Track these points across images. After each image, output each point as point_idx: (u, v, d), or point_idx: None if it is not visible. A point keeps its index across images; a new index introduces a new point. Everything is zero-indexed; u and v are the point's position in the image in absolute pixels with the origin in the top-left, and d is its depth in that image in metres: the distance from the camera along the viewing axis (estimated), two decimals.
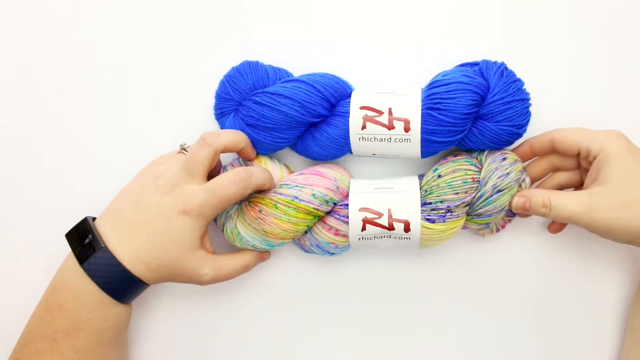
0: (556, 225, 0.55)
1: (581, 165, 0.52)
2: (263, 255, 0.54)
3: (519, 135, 0.51)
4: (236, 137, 0.50)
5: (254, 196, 0.51)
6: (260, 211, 0.50)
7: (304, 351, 0.57)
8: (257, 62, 0.53)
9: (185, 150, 0.52)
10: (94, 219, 0.51)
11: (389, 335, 0.57)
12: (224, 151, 0.49)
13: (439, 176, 0.50)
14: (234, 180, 0.47)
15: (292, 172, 0.54)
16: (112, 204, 0.51)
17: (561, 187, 0.54)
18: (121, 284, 0.47)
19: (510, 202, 0.50)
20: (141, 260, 0.47)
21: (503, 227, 0.54)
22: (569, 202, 0.47)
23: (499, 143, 0.51)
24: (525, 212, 0.50)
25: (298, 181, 0.51)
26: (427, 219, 0.50)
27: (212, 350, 0.57)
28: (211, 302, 0.57)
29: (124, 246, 0.47)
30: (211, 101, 0.55)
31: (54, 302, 0.48)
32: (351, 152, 0.53)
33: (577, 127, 0.50)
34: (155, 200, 0.48)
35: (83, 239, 0.48)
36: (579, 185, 0.53)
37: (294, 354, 0.57)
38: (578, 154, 0.50)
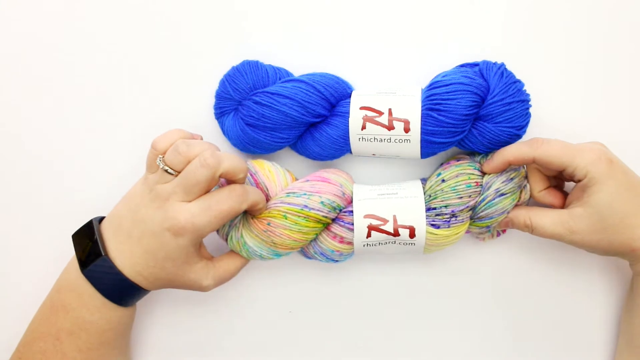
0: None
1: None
2: None
3: (519, 137, 0.51)
4: (238, 167, 0.46)
5: None
6: (268, 224, 0.49)
7: (305, 354, 0.57)
8: (257, 62, 0.53)
9: (168, 171, 0.47)
10: (101, 219, 0.50)
11: (389, 338, 0.57)
12: (222, 177, 0.46)
13: (443, 181, 0.50)
14: (230, 195, 0.45)
15: (296, 178, 0.53)
16: (115, 210, 0.50)
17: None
18: (122, 291, 0.48)
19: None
20: (139, 273, 0.47)
21: (504, 231, 0.54)
22: (548, 223, 0.49)
23: (499, 144, 0.50)
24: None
25: (305, 189, 0.50)
26: (432, 225, 0.50)
27: (212, 350, 0.57)
28: (212, 303, 0.57)
29: (124, 257, 0.47)
30: (211, 100, 0.55)
31: (58, 302, 0.48)
32: (351, 152, 0.53)
33: (561, 144, 0.48)
34: (148, 214, 0.46)
35: (87, 243, 0.48)
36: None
37: (294, 356, 0.57)
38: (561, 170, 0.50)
